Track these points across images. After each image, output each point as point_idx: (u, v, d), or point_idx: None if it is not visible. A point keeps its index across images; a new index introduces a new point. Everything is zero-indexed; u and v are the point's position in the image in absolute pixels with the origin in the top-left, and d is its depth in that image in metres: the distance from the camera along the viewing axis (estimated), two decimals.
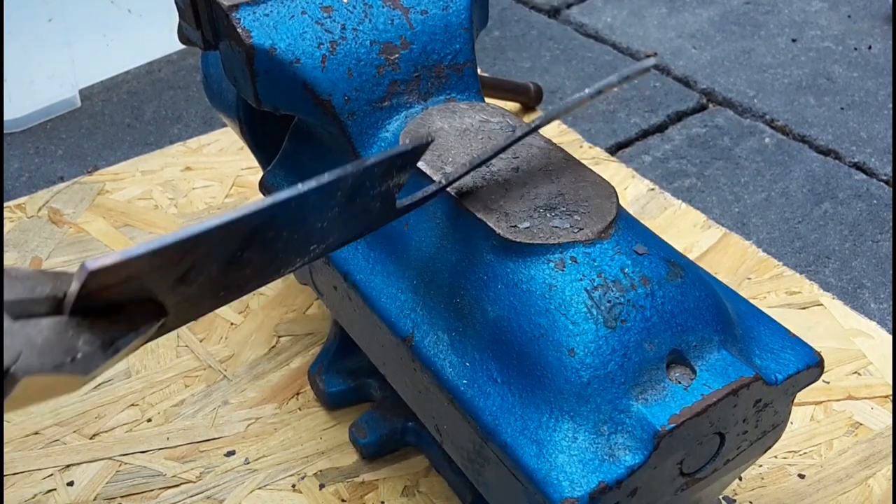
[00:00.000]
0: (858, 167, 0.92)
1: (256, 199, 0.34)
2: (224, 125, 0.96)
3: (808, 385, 0.46)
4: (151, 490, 0.62)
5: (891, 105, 1.01)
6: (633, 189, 0.88)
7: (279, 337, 0.73)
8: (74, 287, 0.29)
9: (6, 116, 1.00)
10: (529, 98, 0.99)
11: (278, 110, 0.53)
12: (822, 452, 0.63)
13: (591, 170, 0.49)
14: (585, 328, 0.42)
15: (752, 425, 0.44)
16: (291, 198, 0.35)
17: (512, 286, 0.44)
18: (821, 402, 0.66)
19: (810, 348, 0.46)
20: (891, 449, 0.63)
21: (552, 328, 0.42)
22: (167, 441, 0.65)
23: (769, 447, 0.48)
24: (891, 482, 0.61)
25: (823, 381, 0.68)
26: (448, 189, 0.48)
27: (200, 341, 0.72)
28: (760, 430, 0.45)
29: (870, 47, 1.12)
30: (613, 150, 0.96)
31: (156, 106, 1.04)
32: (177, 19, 0.55)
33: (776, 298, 0.75)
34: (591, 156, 0.93)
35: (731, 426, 0.43)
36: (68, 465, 0.63)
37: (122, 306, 0.31)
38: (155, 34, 1.08)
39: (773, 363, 0.44)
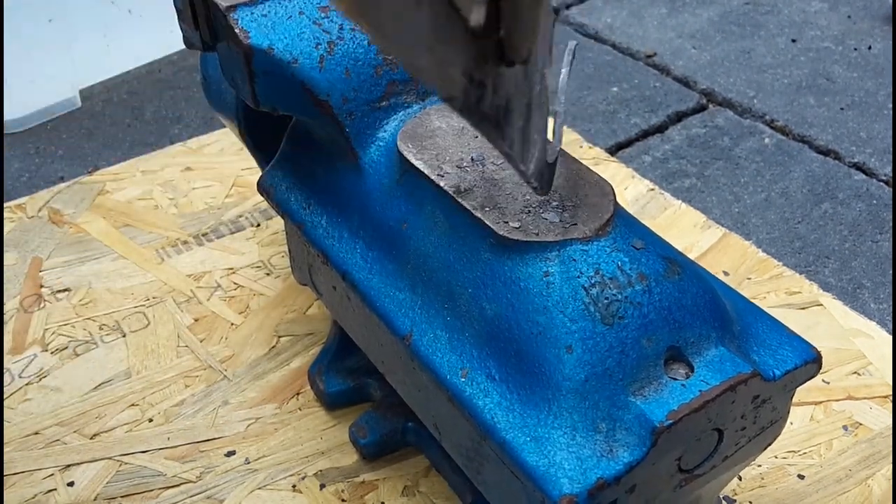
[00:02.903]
0: (858, 167, 0.92)
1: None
2: (224, 126, 0.96)
3: (806, 381, 0.46)
4: (151, 490, 0.62)
5: (891, 105, 1.01)
6: (633, 189, 0.88)
7: (279, 337, 0.73)
8: None
9: (6, 116, 1.00)
10: None
11: (276, 111, 0.53)
12: (822, 452, 0.63)
13: (589, 168, 0.49)
14: (583, 325, 0.42)
15: (750, 421, 0.44)
16: None
17: (509, 284, 0.44)
18: (820, 402, 0.66)
19: (808, 344, 0.46)
20: (891, 449, 0.63)
21: (550, 325, 0.42)
22: (167, 441, 0.65)
23: (768, 444, 0.48)
24: (891, 482, 0.61)
25: (823, 381, 0.68)
26: (446, 188, 0.48)
27: (201, 341, 0.72)
28: (759, 427, 0.45)
29: (870, 47, 1.12)
30: (613, 150, 0.96)
31: (156, 106, 1.04)
32: (177, 20, 0.55)
33: (776, 298, 0.75)
34: (591, 156, 0.93)
35: (730, 422, 0.43)
36: (68, 465, 0.63)
37: None
38: (155, 34, 1.08)
39: (771, 359, 0.45)
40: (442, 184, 0.48)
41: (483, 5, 0.30)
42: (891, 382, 0.68)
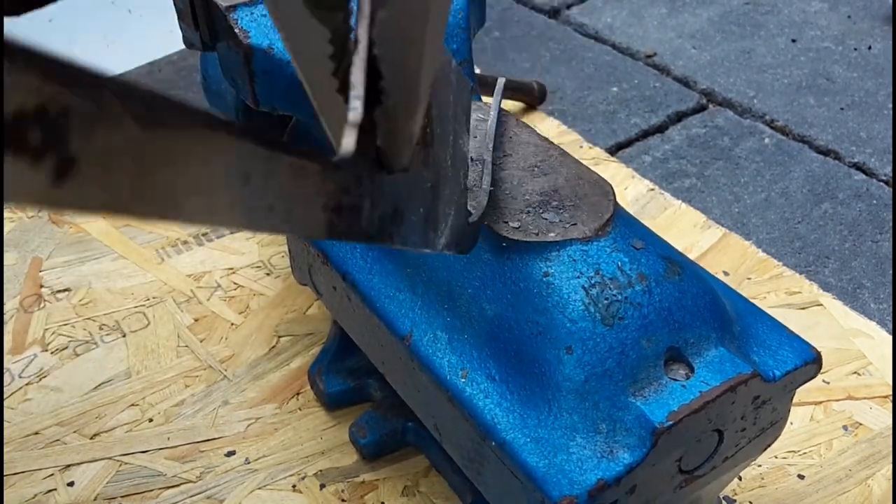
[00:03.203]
0: (858, 167, 0.92)
1: None
2: None
3: (806, 382, 0.46)
4: (151, 490, 0.62)
5: (891, 105, 1.01)
6: (633, 189, 0.88)
7: (279, 337, 0.73)
8: None
9: None
10: (533, 98, 0.99)
11: (276, 111, 0.53)
12: (822, 452, 0.63)
13: (588, 168, 0.49)
14: (583, 326, 0.42)
15: (750, 422, 0.44)
16: None
17: (509, 284, 0.44)
18: (820, 402, 0.66)
19: (808, 345, 0.46)
20: (891, 449, 0.63)
21: (550, 326, 0.42)
22: (167, 441, 0.65)
23: (768, 445, 0.48)
24: (891, 482, 0.61)
25: (823, 381, 0.68)
26: None
27: (201, 341, 0.72)
28: (759, 428, 0.45)
29: (870, 47, 1.12)
30: (613, 150, 0.96)
31: None
32: (177, 20, 0.55)
33: (776, 298, 0.75)
34: (591, 156, 0.93)
35: (730, 423, 0.43)
36: (68, 465, 0.63)
37: None
38: (155, 34, 1.09)
39: (771, 360, 0.45)
40: None
41: (355, 128, 0.27)
42: (891, 382, 0.68)
